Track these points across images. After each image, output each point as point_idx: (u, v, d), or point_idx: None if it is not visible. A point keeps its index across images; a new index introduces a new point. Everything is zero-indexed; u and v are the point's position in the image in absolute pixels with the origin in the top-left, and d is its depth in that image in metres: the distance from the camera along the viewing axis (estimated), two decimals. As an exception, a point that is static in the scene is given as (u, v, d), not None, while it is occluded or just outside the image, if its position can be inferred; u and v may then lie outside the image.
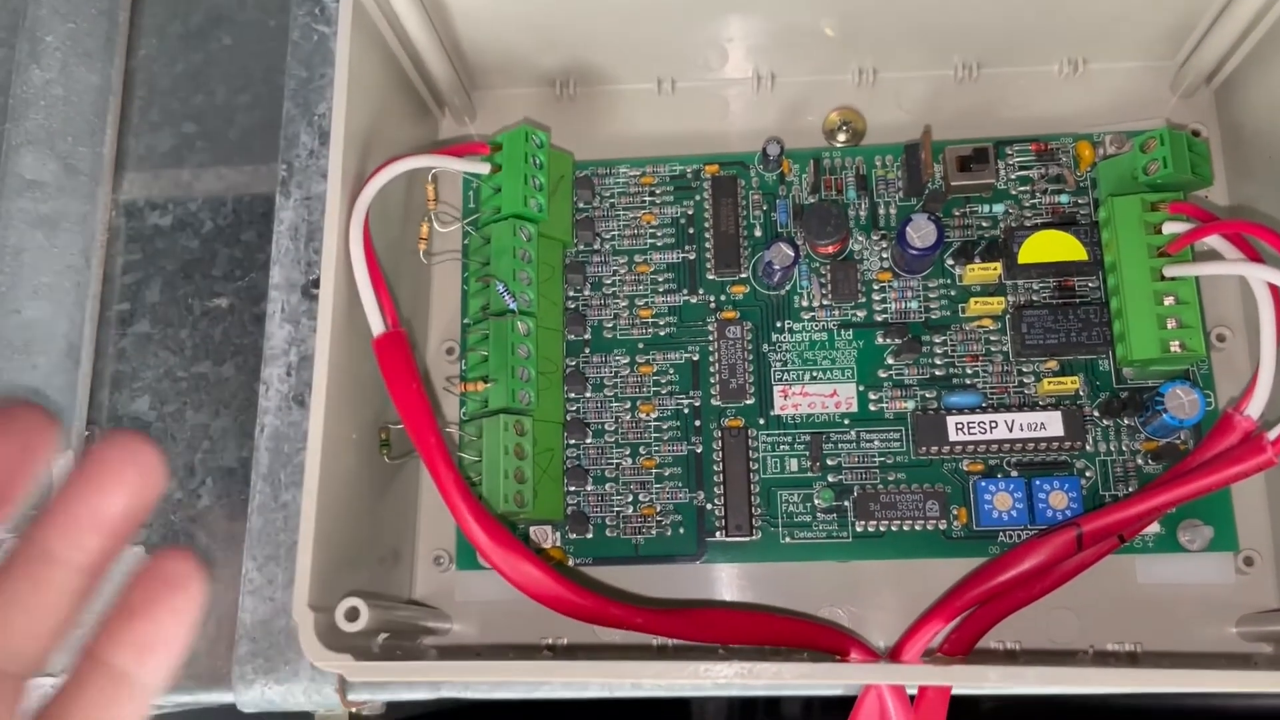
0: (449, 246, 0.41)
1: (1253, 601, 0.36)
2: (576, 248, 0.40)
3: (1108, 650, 0.35)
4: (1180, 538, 0.36)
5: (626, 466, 0.38)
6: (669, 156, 0.41)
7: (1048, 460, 0.37)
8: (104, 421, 0.42)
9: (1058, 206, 0.39)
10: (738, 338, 0.39)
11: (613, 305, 0.40)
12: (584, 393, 0.39)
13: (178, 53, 0.46)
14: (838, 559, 0.37)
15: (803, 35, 0.39)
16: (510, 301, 0.36)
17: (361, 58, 0.35)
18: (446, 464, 0.32)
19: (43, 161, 0.44)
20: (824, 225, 0.38)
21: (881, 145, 0.40)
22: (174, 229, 0.44)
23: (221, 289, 0.44)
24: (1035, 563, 0.34)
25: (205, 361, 0.43)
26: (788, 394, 0.38)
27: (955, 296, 0.38)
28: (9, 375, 0.42)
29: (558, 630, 0.37)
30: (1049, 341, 0.37)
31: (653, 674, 0.29)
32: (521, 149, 0.37)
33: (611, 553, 0.38)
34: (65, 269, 0.43)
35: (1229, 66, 0.38)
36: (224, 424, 0.42)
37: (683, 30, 0.39)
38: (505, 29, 0.39)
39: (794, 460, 0.38)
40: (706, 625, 0.34)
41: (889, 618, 0.36)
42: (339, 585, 0.32)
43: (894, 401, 0.38)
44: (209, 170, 0.45)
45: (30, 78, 0.45)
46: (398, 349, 0.33)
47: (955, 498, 0.37)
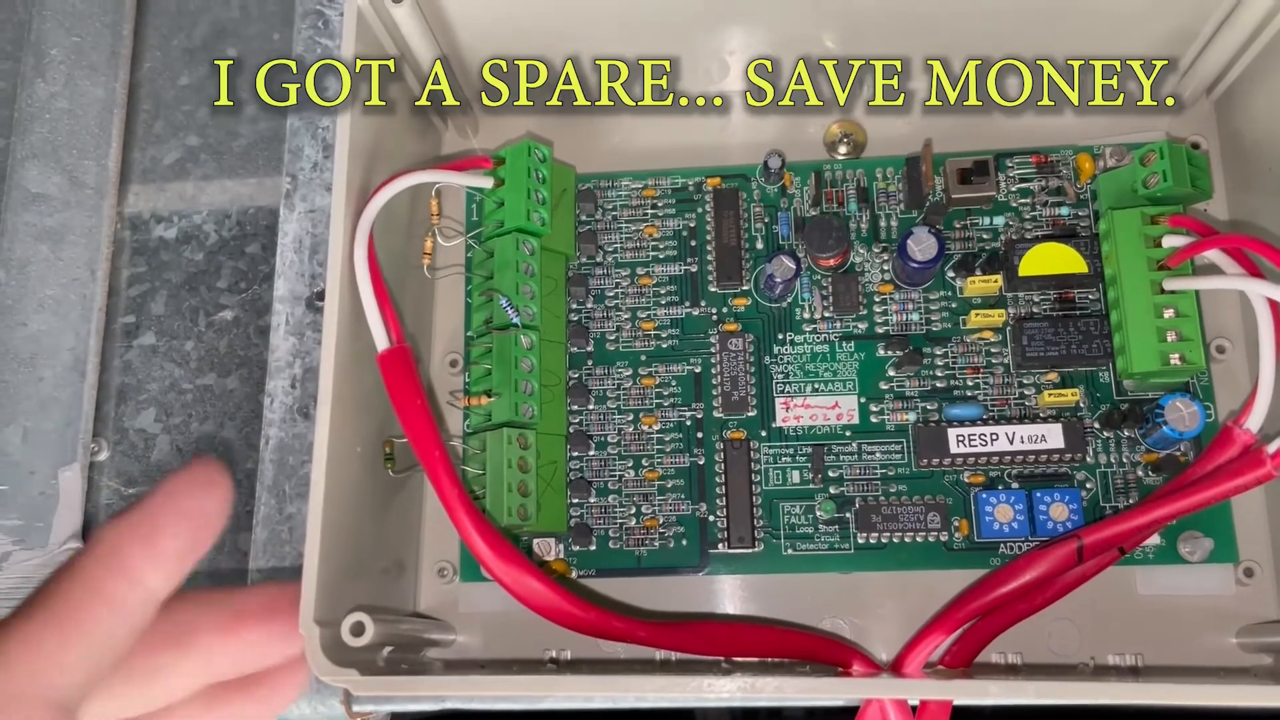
0: (452, 260, 0.41)
1: (1253, 613, 0.36)
2: (579, 261, 0.41)
3: (1108, 663, 0.36)
4: (1180, 549, 0.36)
5: (629, 478, 0.38)
6: (671, 169, 0.41)
7: (1048, 472, 0.37)
8: (109, 434, 0.43)
9: (1058, 219, 0.39)
10: (740, 350, 0.39)
11: (615, 318, 0.40)
12: (587, 405, 0.39)
13: (182, 66, 0.47)
14: (840, 570, 0.37)
15: (804, 47, 0.39)
16: (513, 315, 0.36)
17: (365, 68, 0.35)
18: (451, 479, 0.32)
19: (48, 175, 0.45)
20: (825, 238, 0.38)
21: (882, 158, 0.41)
22: (179, 241, 0.45)
23: (226, 301, 0.44)
24: (1036, 574, 0.34)
25: (210, 374, 0.43)
26: (789, 406, 0.38)
27: (956, 309, 0.39)
28: (15, 388, 0.42)
29: (561, 642, 0.37)
30: (1049, 354, 0.37)
31: (656, 688, 0.30)
32: (524, 163, 0.37)
33: (614, 564, 0.38)
34: (71, 282, 0.44)
35: (1229, 78, 0.39)
36: (229, 436, 0.42)
37: (684, 43, 0.39)
38: (508, 44, 0.39)
39: (796, 472, 0.38)
40: (709, 638, 0.34)
41: (891, 629, 0.37)
42: (344, 599, 0.32)
43: (895, 413, 0.38)
44: (213, 183, 0.45)
45: (35, 91, 0.46)
46: (402, 364, 0.33)
47: (956, 509, 0.37)
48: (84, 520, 0.41)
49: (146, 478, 0.42)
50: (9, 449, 0.42)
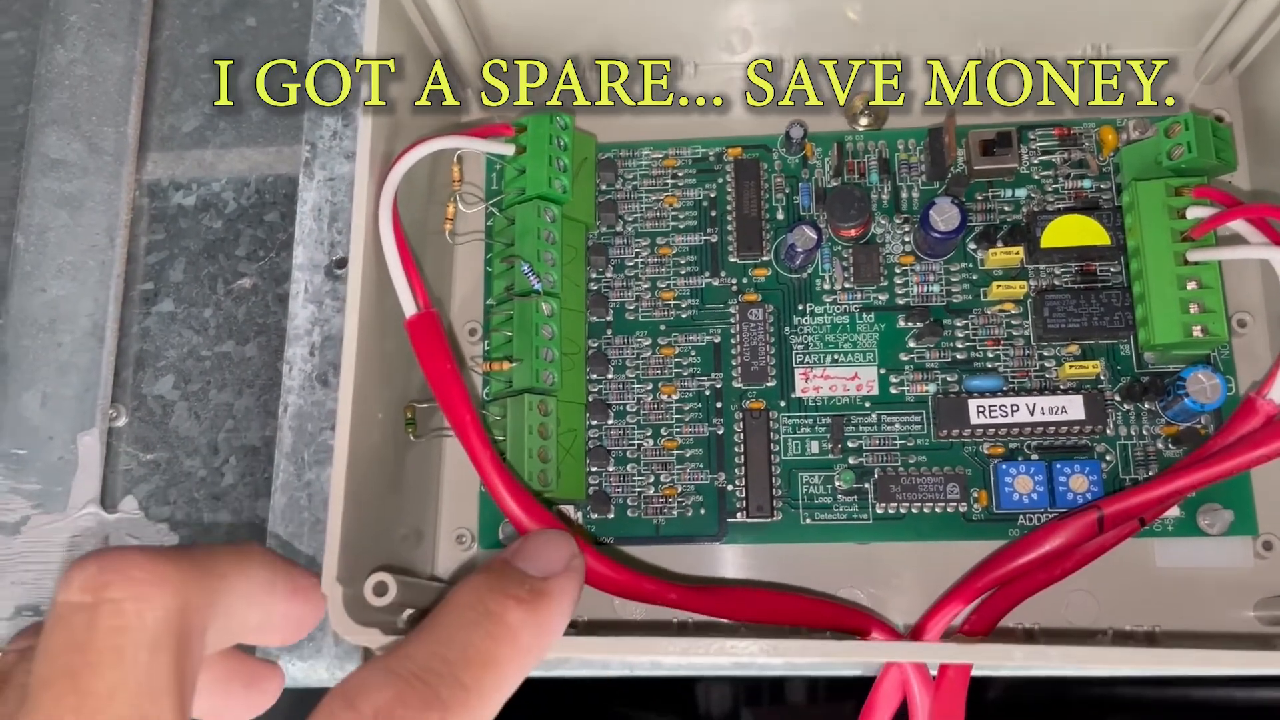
0: (472, 227, 0.41)
1: (1271, 585, 0.36)
2: (599, 230, 0.40)
3: (1126, 631, 0.36)
4: (1200, 521, 0.36)
5: (648, 447, 0.38)
6: (692, 140, 0.41)
7: (1068, 444, 0.37)
8: (128, 400, 0.43)
9: (1080, 191, 0.39)
10: (759, 320, 0.39)
11: (635, 287, 0.40)
12: (606, 374, 0.39)
13: (201, 33, 0.47)
14: (858, 540, 0.37)
15: (826, 19, 0.39)
16: (535, 282, 0.36)
17: (388, 38, 0.35)
18: (482, 441, 0.32)
19: (67, 141, 0.45)
20: (847, 209, 0.38)
21: (904, 129, 0.40)
22: (197, 209, 0.45)
23: (245, 269, 0.44)
24: (1056, 545, 0.34)
25: (229, 341, 0.43)
26: (809, 376, 0.38)
27: (977, 280, 0.39)
28: (34, 353, 0.42)
29: (578, 607, 0.37)
30: (1070, 326, 0.37)
31: (677, 650, 0.30)
32: (546, 131, 0.37)
33: (633, 533, 0.38)
34: (90, 248, 0.44)
35: (1252, 52, 0.38)
36: (247, 403, 0.43)
37: (706, 14, 0.39)
38: (530, 11, 0.39)
39: (815, 442, 0.38)
40: (738, 603, 0.34)
41: (909, 599, 0.37)
42: (365, 561, 0.32)
43: (915, 385, 0.38)
44: (232, 151, 0.45)
45: (55, 58, 0.45)
46: (432, 329, 0.33)
47: (976, 480, 0.37)
48: (101, 485, 0.42)
49: (164, 444, 0.42)
50: (28, 414, 0.42)
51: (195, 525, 0.41)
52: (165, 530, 0.41)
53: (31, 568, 0.41)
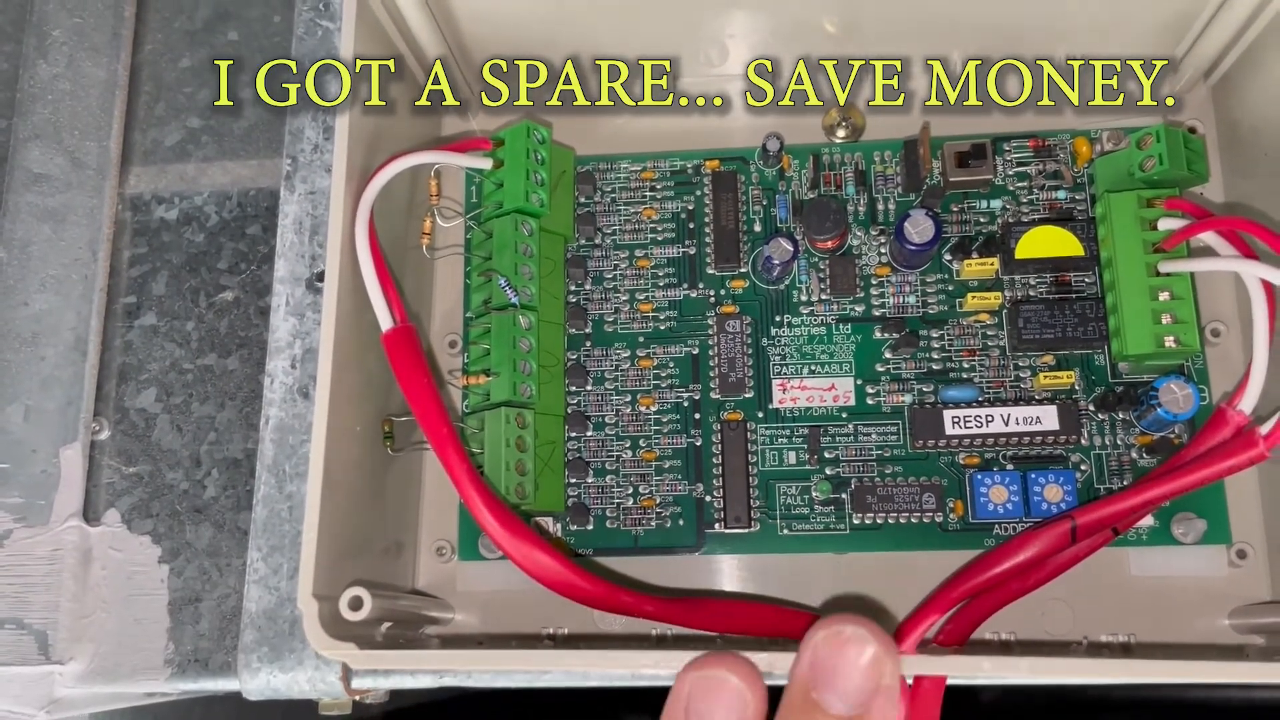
0: (451, 242, 0.41)
1: (1245, 594, 0.36)
2: (578, 242, 0.41)
3: (1101, 641, 0.36)
4: (1174, 531, 0.36)
5: (627, 459, 0.39)
6: (670, 152, 0.41)
7: (1043, 454, 0.37)
8: (110, 413, 0.43)
9: (1055, 202, 0.39)
10: (737, 332, 0.39)
11: (613, 299, 0.40)
12: (585, 386, 0.39)
13: (184, 47, 0.47)
14: (835, 551, 0.37)
15: (804, 31, 0.39)
16: (512, 296, 0.36)
17: (365, 53, 0.35)
18: (459, 456, 0.32)
19: (50, 155, 0.45)
20: (823, 220, 0.39)
21: (880, 141, 0.41)
22: (180, 223, 0.45)
23: (227, 282, 0.44)
24: (1031, 555, 0.34)
25: (211, 354, 0.43)
26: (786, 388, 0.39)
27: (952, 291, 0.39)
28: (17, 367, 0.43)
29: (558, 620, 0.37)
30: (1045, 336, 0.37)
31: (653, 663, 0.30)
32: (523, 144, 0.37)
33: (612, 544, 0.38)
34: (72, 262, 0.44)
35: (1226, 63, 0.39)
36: (229, 416, 0.43)
37: (684, 26, 0.40)
38: (507, 25, 0.39)
39: (792, 453, 0.38)
40: (716, 615, 0.34)
41: (885, 609, 0.37)
42: (343, 575, 0.32)
43: (891, 395, 0.38)
44: (214, 164, 0.45)
45: (37, 72, 0.46)
46: (408, 343, 0.34)
47: (951, 490, 0.37)
48: (84, 499, 0.42)
49: (147, 457, 0.42)
50: (11, 427, 0.42)
51: (178, 538, 0.41)
52: (148, 543, 0.41)
53: (13, 581, 0.41)
